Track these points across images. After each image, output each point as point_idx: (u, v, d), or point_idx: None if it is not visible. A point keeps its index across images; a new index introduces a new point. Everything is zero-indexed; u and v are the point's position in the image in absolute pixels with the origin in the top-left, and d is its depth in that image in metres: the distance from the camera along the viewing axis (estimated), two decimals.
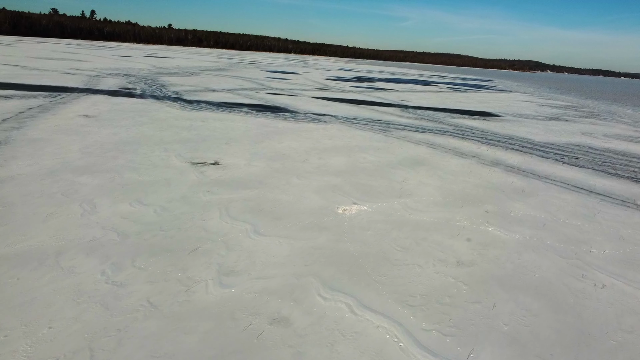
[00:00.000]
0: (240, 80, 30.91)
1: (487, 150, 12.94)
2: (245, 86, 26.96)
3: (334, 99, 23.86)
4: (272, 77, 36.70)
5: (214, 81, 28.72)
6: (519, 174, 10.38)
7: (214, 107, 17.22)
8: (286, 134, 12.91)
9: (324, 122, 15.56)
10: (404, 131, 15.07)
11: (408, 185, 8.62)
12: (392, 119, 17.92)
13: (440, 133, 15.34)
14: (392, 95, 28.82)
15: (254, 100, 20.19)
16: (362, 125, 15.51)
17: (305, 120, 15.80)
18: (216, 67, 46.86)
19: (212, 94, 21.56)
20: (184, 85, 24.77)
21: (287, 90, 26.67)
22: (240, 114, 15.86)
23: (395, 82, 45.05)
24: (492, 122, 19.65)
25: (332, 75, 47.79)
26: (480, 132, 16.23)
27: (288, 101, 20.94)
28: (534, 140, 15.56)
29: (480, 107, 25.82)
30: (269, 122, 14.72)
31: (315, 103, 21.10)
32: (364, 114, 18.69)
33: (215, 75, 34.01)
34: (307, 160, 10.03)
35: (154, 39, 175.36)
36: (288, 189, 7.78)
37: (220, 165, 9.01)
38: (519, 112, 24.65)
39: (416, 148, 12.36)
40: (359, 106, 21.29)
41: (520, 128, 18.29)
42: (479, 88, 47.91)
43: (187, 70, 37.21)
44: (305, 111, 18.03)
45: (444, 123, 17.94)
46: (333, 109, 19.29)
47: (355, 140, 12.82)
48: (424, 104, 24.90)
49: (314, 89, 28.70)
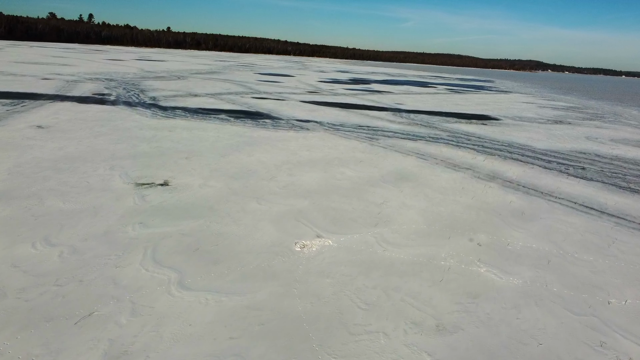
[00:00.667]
0: (228, 84, 29.67)
1: (484, 160, 11.64)
2: (232, 90, 25.71)
3: (323, 103, 22.59)
4: (263, 80, 35.46)
5: (200, 85, 27.47)
6: (519, 190, 9.08)
7: (188, 114, 15.95)
8: (260, 144, 11.63)
9: (306, 130, 14.28)
10: (393, 139, 13.78)
11: (388, 209, 7.33)
12: (383, 124, 16.63)
13: (433, 140, 14.05)
14: (387, 98, 27.54)
15: (236, 106, 18.92)
16: (348, 133, 14.22)
17: (286, 127, 14.52)
18: (208, 70, 45.65)
19: (192, 99, 20.30)
20: (166, 89, 23.52)
21: (275, 94, 25.41)
22: (215, 122, 14.58)
23: (392, 84, 43.78)
24: (491, 126, 18.35)
25: (327, 78, 46.55)
26: (477, 139, 14.93)
27: (273, 106, 19.67)
28: (536, 147, 14.25)
29: (478, 110, 24.52)
30: (244, 130, 13.44)
31: (302, 108, 19.82)
32: (353, 119, 17.41)
33: (204, 79, 32.77)
34: (275, 177, 8.74)
35: (152, 42, 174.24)
36: (240, 218, 6.50)
37: (169, 187, 7.73)
38: (519, 115, 23.34)
39: (404, 159, 11.06)
40: (349, 111, 20.01)
41: (521, 133, 16.98)
42: (478, 89, 46.62)
43: (176, 74, 35.98)
44: (288, 117, 16.75)
45: (438, 129, 16.65)
46: (320, 115, 18.02)
47: (337, 150, 11.53)
48: (419, 107, 23.61)
49: (304, 93, 27.43)
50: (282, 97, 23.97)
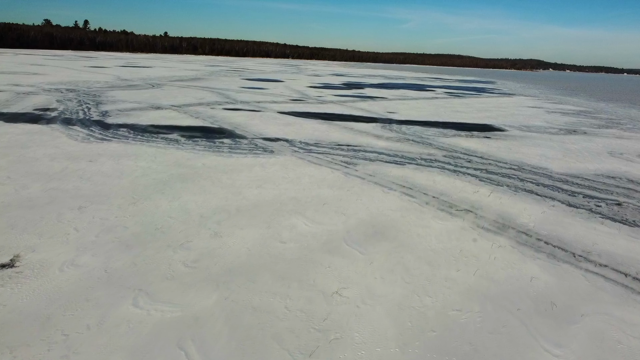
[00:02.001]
0: (205, 93, 27.07)
1: (489, 195, 8.96)
2: (205, 100, 23.10)
3: (304, 114, 19.95)
4: (247, 87, 32.88)
5: (172, 94, 24.87)
6: (540, 250, 6.41)
7: (133, 134, 13.33)
8: (198, 179, 8.98)
9: (269, 154, 11.63)
10: (375, 163, 11.12)
11: (341, 307, 4.66)
12: (367, 142, 13.98)
13: (425, 164, 11.39)
14: (378, 106, 24.89)
15: (198, 121, 16.29)
16: (321, 156, 11.58)
17: (245, 150, 11.88)
18: (192, 76, 43.12)
19: (151, 113, 17.69)
20: (127, 101, 20.93)
21: (253, 103, 22.79)
22: (159, 145, 11.95)
23: (388, 88, 41.14)
24: (495, 140, 15.68)
25: (319, 82, 43.97)
26: (480, 160, 12.26)
27: (243, 120, 17.04)
28: (552, 169, 11.57)
29: (480, 118, 21.84)
30: (189, 157, 10.79)
31: (276, 121, 17.19)
32: (332, 135, 14.76)
33: (181, 87, 30.19)
34: (190, 241, 6.09)
35: (148, 48, 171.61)
36: (78, 348, 3.83)
37: (11, 269, 5.08)
38: (526, 124, 20.65)
39: (384, 198, 8.40)
40: (331, 124, 17.37)
41: (531, 149, 14.30)
42: (479, 92, 43.97)
43: (153, 82, 33.43)
44: (255, 135, 14.11)
45: (432, 145, 13.99)
46: (294, 130, 15.38)
47: (298, 186, 8.88)
48: (413, 117, 20.95)
49: (287, 101, 24.81)
50: (260, 107, 21.35)
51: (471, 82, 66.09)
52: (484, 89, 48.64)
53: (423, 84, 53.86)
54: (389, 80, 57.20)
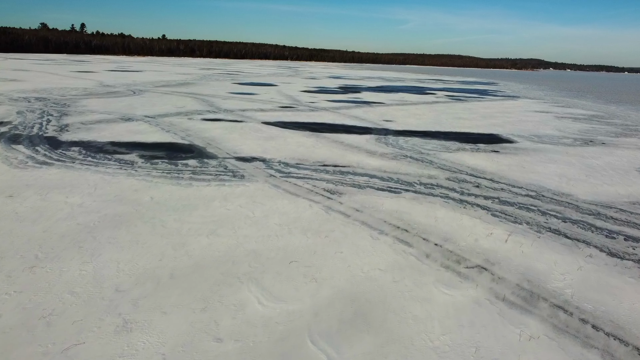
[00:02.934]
0: (188, 100, 25.18)
1: (506, 240, 7.04)
2: (185, 109, 21.21)
3: (291, 124, 18.05)
4: (235, 93, 31.00)
5: (151, 102, 22.98)
6: (590, 343, 4.49)
7: (83, 155, 11.43)
8: (135, 222, 7.06)
9: (238, 179, 9.72)
10: (365, 191, 9.21)
11: None
12: (358, 160, 12.07)
13: (425, 191, 9.47)
14: (374, 113, 22.97)
15: (167, 136, 14.40)
16: (301, 182, 9.67)
17: (210, 175, 9.97)
18: (182, 81, 41.24)
19: (118, 126, 15.80)
20: (97, 112, 19.05)
21: (237, 112, 20.89)
22: (107, 170, 10.04)
23: (385, 92, 39.23)
24: (505, 155, 13.76)
25: (314, 86, 42.09)
26: (489, 183, 10.33)
27: (219, 133, 15.14)
28: (577, 197, 9.64)
29: (485, 126, 19.92)
30: (138, 187, 8.88)
31: (257, 134, 15.29)
32: (319, 152, 12.86)
33: (164, 93, 28.30)
34: (76, 346, 4.16)
35: (145, 51, 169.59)
36: None
37: None
38: (536, 132, 18.73)
39: (372, 249, 6.48)
40: (319, 136, 15.46)
41: (548, 167, 12.37)
42: (481, 94, 42.05)
43: (136, 88, 31.55)
44: (228, 154, 12.21)
45: (434, 164, 12.07)
46: (276, 146, 13.48)
47: (263, 230, 6.96)
48: (412, 126, 19.04)
49: (275, 109, 22.91)
50: (243, 117, 19.45)
51: (473, 84, 64.17)
52: (487, 92, 46.72)
53: (423, 86, 51.96)
54: (387, 83, 55.32)
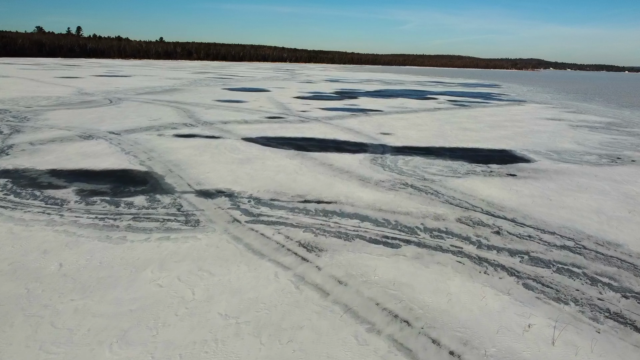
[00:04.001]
0: (167, 110, 23.00)
1: (552, 339, 4.83)
2: (161, 121, 19.03)
3: (275, 139, 15.86)
4: (222, 101, 28.83)
5: (124, 114, 20.80)
6: None
7: (6, 191, 9.23)
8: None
9: (190, 228, 7.51)
10: (353, 244, 7.01)
11: None
12: (347, 193, 9.87)
13: (431, 244, 7.26)
14: (371, 124, 20.77)
15: (125, 160, 12.20)
16: (271, 230, 7.46)
17: (156, 222, 7.76)
18: (169, 87, 39.07)
19: (72, 146, 13.63)
20: (57, 127, 16.88)
21: (217, 125, 18.71)
22: (24, 217, 7.84)
23: (384, 97, 37.03)
24: (524, 180, 11.55)
25: (309, 91, 39.90)
26: (512, 227, 8.13)
27: (188, 154, 12.96)
28: (629, 247, 7.43)
29: (495, 139, 17.71)
30: (50, 245, 6.68)
31: (233, 155, 13.10)
32: (301, 181, 10.66)
33: (144, 102, 26.12)
34: None
35: (141, 54, 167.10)
36: None
37: None
38: (554, 146, 16.52)
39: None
40: (305, 157, 13.27)
41: (579, 199, 10.15)
42: (485, 98, 39.84)
43: (117, 96, 29.39)
44: (190, 185, 10.01)
45: (440, 196, 9.87)
46: (251, 172, 11.28)
47: (199, 329, 4.76)
48: (413, 140, 16.83)
49: (262, 119, 20.72)
50: (223, 131, 17.26)
51: (475, 86, 61.96)
52: (490, 95, 44.51)
53: (424, 89, 49.78)
54: (386, 87, 53.15)
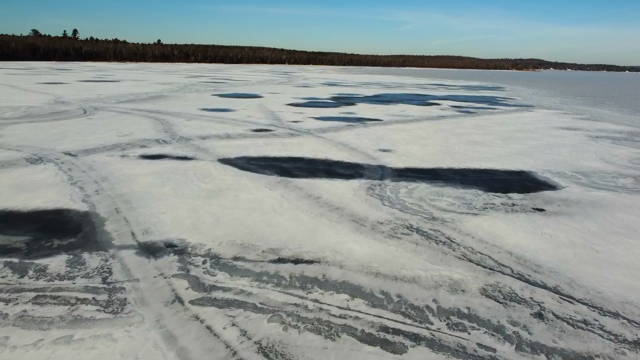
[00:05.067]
0: (143, 122, 20.82)
1: None
2: (131, 136, 16.84)
3: (258, 160, 13.67)
4: (208, 110, 26.63)
5: (94, 127, 18.61)
6: None
7: None
8: None
9: (102, 323, 5.29)
10: (338, 350, 4.77)
11: None
12: (336, 244, 7.66)
13: (450, 342, 5.04)
14: (369, 138, 18.57)
15: (64, 195, 9.98)
16: (223, 318, 5.26)
17: (50, 317, 5.55)
18: (154, 94, 36.87)
19: (7, 174, 11.43)
20: (4, 148, 14.68)
21: (194, 141, 16.51)
22: None
23: (384, 103, 34.83)
24: (555, 219, 9.32)
25: (304, 97, 37.70)
26: (557, 305, 5.92)
27: (147, 185, 10.75)
28: None
29: (510, 157, 15.49)
30: None
31: (200, 187, 10.89)
32: (278, 224, 8.44)
33: (120, 113, 23.92)
34: None
35: (138, 57, 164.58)
36: None
37: None
38: (579, 166, 14.32)
39: None
40: (289, 185, 11.07)
41: (633, 247, 7.93)
42: (491, 103, 37.63)
43: (94, 105, 27.21)
44: (133, 235, 7.79)
45: (455, 247, 7.66)
46: (217, 211, 9.06)
47: None
48: (416, 158, 14.62)
49: (247, 133, 18.53)
50: (198, 150, 15.06)
51: (478, 89, 59.75)
52: (496, 100, 42.29)
53: (425, 94, 47.58)
54: (386, 90, 50.96)
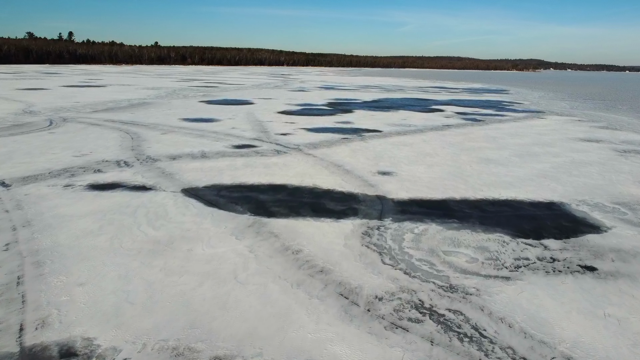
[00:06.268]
0: (110, 137, 18.39)
1: None
2: (87, 158, 14.42)
3: (230, 191, 11.23)
4: (190, 120, 24.20)
5: (46, 147, 16.19)
6: None
7: None
8: None
9: None
10: None
11: None
12: (313, 342, 5.18)
13: None
14: (366, 156, 16.12)
15: None
16: None
17: None
18: (137, 100, 34.44)
19: None
20: None
21: (162, 162, 14.08)
22: None
23: (383, 109, 32.39)
24: (615, 287, 6.88)
25: (299, 103, 35.27)
26: None
27: (73, 237, 8.31)
28: None
29: (532, 181, 13.04)
30: None
31: (147, 235, 8.44)
32: (235, 308, 5.99)
33: (90, 125, 21.49)
34: None
35: (133, 59, 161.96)
36: None
37: None
38: (617, 193, 11.88)
39: None
40: (262, 229, 8.63)
41: None
42: (498, 109, 35.20)
43: (63, 115, 24.79)
44: (17, 342, 5.31)
45: (487, 348, 5.20)
46: (153, 282, 6.61)
47: None
48: (422, 186, 12.17)
49: (225, 152, 16.09)
50: (163, 174, 12.63)
51: (481, 93, 57.33)
52: (502, 105, 39.84)
53: (427, 98, 45.16)
54: (386, 94, 48.53)
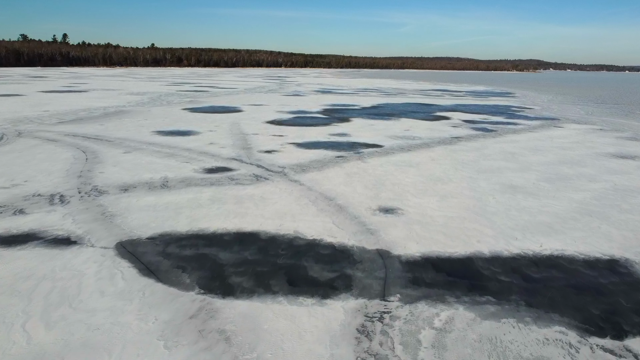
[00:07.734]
0: (63, 156, 15.56)
1: None
2: (12, 193, 11.60)
3: (180, 247, 8.39)
4: (166, 132, 21.37)
5: None
6: None
7: None
8: None
9: None
10: None
11: None
12: None
13: None
14: (364, 182, 13.29)
15: None
16: None
17: None
18: (113, 109, 31.59)
19: None
20: None
21: (109, 195, 11.25)
22: None
23: (384, 117, 29.57)
24: None
25: (292, 110, 32.43)
26: None
27: None
28: None
29: (575, 222, 10.22)
30: None
31: (21, 349, 5.54)
32: None
33: (48, 139, 18.67)
34: None
35: (128, 62, 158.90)
36: None
37: None
38: None
39: None
40: (209, 323, 5.76)
41: None
42: (508, 116, 32.38)
43: (20, 128, 21.98)
44: None
45: None
46: None
47: None
48: (437, 233, 9.35)
49: (194, 178, 13.27)
50: (102, 217, 9.79)
51: (487, 96, 54.51)
52: (511, 110, 37.01)
53: (430, 103, 42.36)
54: (386, 99, 45.70)
